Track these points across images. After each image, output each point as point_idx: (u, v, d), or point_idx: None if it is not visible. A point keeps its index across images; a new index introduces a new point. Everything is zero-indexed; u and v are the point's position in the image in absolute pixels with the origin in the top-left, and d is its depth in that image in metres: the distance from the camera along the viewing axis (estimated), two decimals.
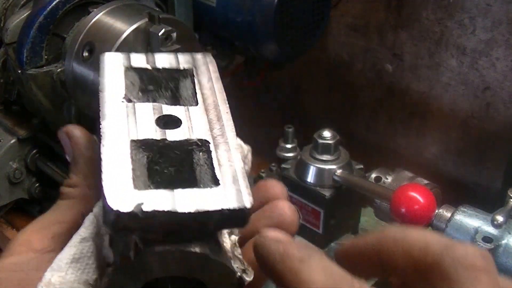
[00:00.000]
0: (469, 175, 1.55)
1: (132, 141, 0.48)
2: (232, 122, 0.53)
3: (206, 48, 1.40)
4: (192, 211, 0.43)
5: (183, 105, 0.54)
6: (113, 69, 0.55)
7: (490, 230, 0.80)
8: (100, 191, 0.44)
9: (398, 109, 1.63)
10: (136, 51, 1.10)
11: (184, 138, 0.50)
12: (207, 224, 0.44)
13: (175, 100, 0.56)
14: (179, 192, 0.44)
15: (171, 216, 0.42)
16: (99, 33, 1.12)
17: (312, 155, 0.97)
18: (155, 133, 0.49)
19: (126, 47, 1.09)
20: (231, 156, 0.49)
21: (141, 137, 0.49)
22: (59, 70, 1.18)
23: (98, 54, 1.10)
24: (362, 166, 1.01)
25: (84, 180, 0.53)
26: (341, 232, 1.01)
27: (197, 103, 0.54)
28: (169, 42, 1.09)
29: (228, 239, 0.52)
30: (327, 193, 0.95)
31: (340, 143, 0.98)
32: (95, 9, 1.16)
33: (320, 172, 0.96)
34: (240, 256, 0.50)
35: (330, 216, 0.97)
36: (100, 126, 0.49)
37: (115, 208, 0.42)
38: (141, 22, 1.10)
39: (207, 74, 0.57)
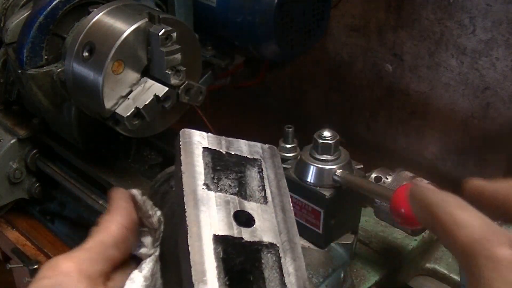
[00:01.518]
0: (469, 175, 1.54)
1: (214, 235, 0.53)
2: (296, 227, 0.58)
3: (206, 48, 1.40)
4: None
5: (254, 201, 0.59)
6: (191, 148, 0.59)
7: None
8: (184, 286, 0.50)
9: (398, 109, 1.63)
10: (137, 51, 1.10)
11: (257, 239, 0.54)
12: None
13: (242, 188, 0.60)
14: None
15: None
16: (99, 33, 1.12)
17: (312, 155, 0.97)
18: (233, 231, 0.54)
19: (126, 47, 1.09)
20: (298, 266, 0.54)
21: (221, 233, 0.53)
22: (59, 70, 1.18)
23: (98, 54, 1.10)
24: (362, 166, 1.01)
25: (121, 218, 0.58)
26: (341, 232, 1.01)
27: (266, 202, 0.59)
28: (169, 42, 1.09)
29: None
30: (327, 193, 0.95)
31: (340, 143, 0.98)
32: (95, 9, 1.16)
33: (320, 172, 0.96)
34: None
35: (330, 216, 0.97)
36: (185, 214, 0.54)
37: None
38: (141, 22, 1.10)
39: (274, 169, 0.62)
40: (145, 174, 1.47)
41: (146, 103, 1.10)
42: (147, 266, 0.58)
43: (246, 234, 0.54)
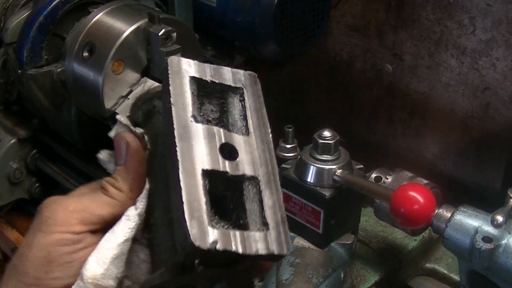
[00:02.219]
0: (469, 175, 1.55)
1: (203, 170, 0.57)
2: (275, 158, 0.62)
3: (206, 48, 1.40)
4: (250, 253, 0.55)
5: (237, 132, 0.62)
6: (179, 77, 0.62)
7: (490, 230, 0.80)
8: (176, 219, 0.55)
9: (398, 109, 1.63)
10: (137, 51, 1.10)
11: (241, 173, 0.59)
12: (255, 258, 0.56)
13: (224, 115, 0.64)
14: (240, 234, 0.55)
15: (234, 254, 0.54)
16: (99, 33, 1.11)
17: (312, 155, 0.97)
18: (220, 164, 0.58)
19: (126, 47, 1.09)
20: (277, 198, 0.59)
21: (209, 167, 0.58)
22: (59, 70, 1.18)
23: (98, 54, 1.10)
24: (362, 166, 1.01)
25: (129, 191, 0.61)
26: (341, 232, 1.01)
27: (248, 133, 0.63)
28: (169, 42, 1.09)
29: None
30: (327, 193, 0.95)
31: (340, 143, 0.98)
32: (95, 9, 1.16)
33: (320, 172, 0.96)
34: None
35: (330, 216, 0.97)
36: (176, 148, 0.57)
37: (196, 244, 0.52)
38: (141, 22, 1.10)
39: (255, 97, 0.65)
40: None
41: None
42: (141, 203, 0.61)
43: (230, 167, 0.59)
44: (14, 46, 1.26)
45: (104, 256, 0.58)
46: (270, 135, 0.63)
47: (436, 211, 0.86)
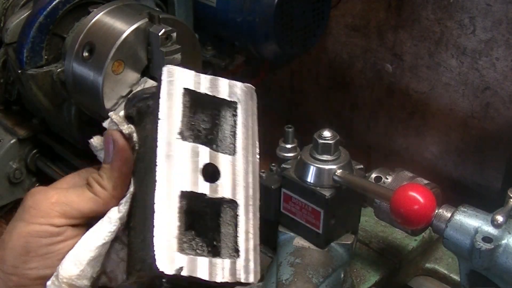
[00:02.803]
0: (469, 175, 1.55)
1: (181, 192, 0.57)
2: (258, 179, 0.62)
3: (206, 48, 1.40)
4: (215, 281, 0.55)
5: (223, 151, 0.61)
6: (172, 89, 0.61)
7: (490, 230, 0.80)
8: (148, 239, 0.54)
9: (398, 109, 1.63)
10: (137, 51, 1.10)
11: (220, 196, 0.58)
12: (221, 285, 0.56)
13: (215, 129, 0.63)
14: (209, 260, 0.55)
15: (200, 280, 0.54)
16: (99, 33, 1.12)
17: (312, 155, 0.97)
18: (199, 186, 0.58)
19: (126, 47, 1.09)
20: (253, 225, 0.58)
21: (188, 189, 0.57)
22: (59, 70, 1.18)
23: (98, 54, 1.10)
24: (362, 166, 1.01)
25: (113, 190, 0.61)
26: (341, 232, 1.01)
27: (234, 152, 0.61)
28: (169, 42, 1.09)
29: None
30: (327, 193, 0.95)
31: (340, 143, 0.98)
32: (95, 9, 1.16)
33: (320, 172, 0.95)
34: None
35: (330, 216, 0.97)
36: (156, 167, 0.57)
37: (161, 270, 0.52)
38: (141, 22, 1.10)
39: (248, 112, 0.64)
40: None
41: None
42: (124, 207, 0.61)
43: (210, 189, 0.58)
44: (14, 46, 1.26)
45: (82, 257, 0.58)
46: (258, 156, 0.62)
47: (436, 211, 0.86)
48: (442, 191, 0.93)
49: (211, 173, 0.60)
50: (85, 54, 1.11)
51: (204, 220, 0.59)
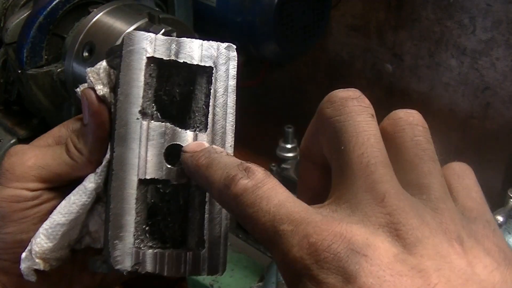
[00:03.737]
0: None
1: (140, 180, 0.52)
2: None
3: None
4: (176, 275, 0.52)
5: (192, 128, 0.54)
6: (133, 60, 0.54)
7: None
8: (105, 231, 0.51)
9: (398, 109, 1.63)
10: None
11: (185, 181, 0.53)
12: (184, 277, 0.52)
13: (188, 104, 0.56)
14: (169, 255, 0.52)
15: (159, 276, 0.51)
16: (99, 33, 1.12)
17: None
18: (162, 172, 0.53)
19: None
20: (223, 212, 0.53)
21: (148, 176, 0.52)
22: (59, 70, 1.18)
23: (98, 54, 1.10)
24: None
25: (89, 154, 0.57)
26: None
27: (205, 128, 0.54)
28: None
29: None
30: None
31: None
32: (95, 9, 1.16)
33: None
34: None
35: None
36: (113, 155, 0.52)
37: (116, 267, 0.50)
38: (141, 22, 1.10)
39: (225, 79, 0.56)
40: None
41: None
42: (100, 176, 0.56)
43: (174, 174, 0.53)
44: (14, 46, 1.26)
45: (54, 231, 0.56)
46: (232, 130, 0.55)
47: None
48: None
49: (176, 154, 0.53)
50: (85, 54, 1.11)
51: (169, 208, 0.54)
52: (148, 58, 0.54)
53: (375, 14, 1.57)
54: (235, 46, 0.58)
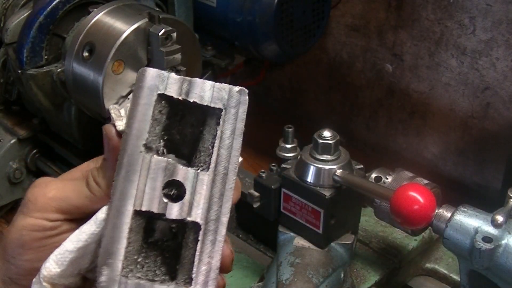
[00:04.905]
0: (469, 175, 1.55)
1: (135, 211, 0.54)
2: (230, 203, 0.56)
3: (206, 48, 1.40)
4: None
5: (194, 165, 0.56)
6: (143, 96, 0.56)
7: (490, 230, 0.80)
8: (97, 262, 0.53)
9: (398, 109, 1.63)
10: (136, 51, 1.10)
11: (180, 217, 0.54)
12: None
13: (195, 144, 0.57)
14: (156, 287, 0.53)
15: None
16: (99, 33, 1.12)
17: (312, 155, 0.97)
18: (158, 206, 0.54)
19: (126, 47, 1.09)
20: (215, 251, 0.54)
21: (144, 208, 0.54)
22: (59, 70, 1.18)
23: (98, 54, 1.10)
24: (362, 166, 1.01)
25: (107, 188, 0.59)
26: (341, 232, 1.01)
27: (208, 168, 0.55)
28: (169, 42, 1.09)
29: None
30: (327, 193, 0.95)
31: (340, 143, 0.98)
32: (95, 9, 1.16)
33: (320, 172, 0.95)
34: None
35: (330, 216, 0.97)
36: (115, 179, 0.54)
37: None
38: (141, 22, 1.10)
39: (233, 122, 0.56)
40: None
41: None
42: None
43: (171, 210, 0.54)
44: (14, 46, 1.26)
45: (63, 257, 0.58)
46: (235, 171, 0.56)
47: (436, 211, 0.86)
48: (442, 191, 0.93)
49: (175, 191, 0.55)
50: (85, 54, 1.12)
51: (162, 242, 0.56)
52: (158, 95, 0.56)
53: (375, 14, 1.57)
54: (247, 91, 0.58)
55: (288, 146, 1.06)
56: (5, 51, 1.32)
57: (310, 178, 0.96)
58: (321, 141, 0.96)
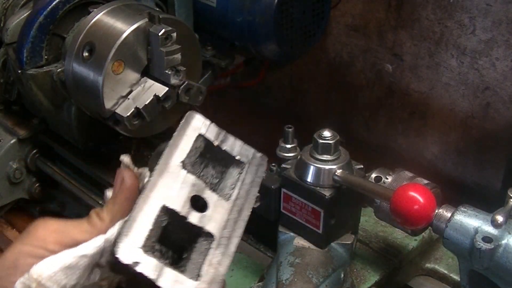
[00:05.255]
0: (469, 175, 1.55)
1: (164, 206, 0.60)
2: (242, 230, 0.64)
3: (206, 48, 1.40)
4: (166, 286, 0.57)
5: (217, 194, 0.65)
6: (187, 130, 0.66)
7: (490, 230, 0.80)
8: (120, 229, 0.58)
9: (398, 109, 1.63)
10: (137, 51, 1.10)
11: (200, 225, 0.61)
12: None
13: (216, 181, 0.67)
14: (168, 270, 0.58)
15: (151, 282, 0.56)
16: (99, 33, 1.11)
17: (312, 155, 0.97)
18: (183, 209, 0.61)
19: (126, 47, 1.09)
20: (223, 261, 0.60)
21: (171, 206, 0.60)
22: (59, 70, 1.18)
23: (98, 54, 1.10)
24: (362, 166, 1.01)
25: (110, 222, 0.63)
26: (341, 232, 1.01)
27: (228, 199, 0.65)
28: (169, 42, 1.09)
29: None
30: (327, 193, 0.95)
31: (340, 143, 0.98)
32: (95, 9, 1.16)
33: (320, 172, 0.95)
34: None
35: (330, 216, 0.97)
36: (152, 174, 0.61)
37: (117, 255, 0.56)
38: (141, 22, 1.10)
39: (254, 176, 0.68)
40: None
41: (146, 103, 1.10)
42: (114, 229, 0.62)
43: (193, 217, 0.61)
44: (14, 46, 1.26)
45: (57, 261, 0.60)
46: (248, 213, 0.65)
47: (436, 211, 0.86)
48: (442, 191, 0.93)
49: (200, 205, 0.62)
50: (85, 54, 1.11)
51: (178, 241, 0.62)
52: (200, 134, 0.66)
53: (375, 14, 1.57)
54: (267, 158, 0.70)
55: (288, 146, 1.06)
56: (5, 51, 1.32)
57: (310, 178, 0.96)
58: (321, 141, 0.96)
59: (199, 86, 1.18)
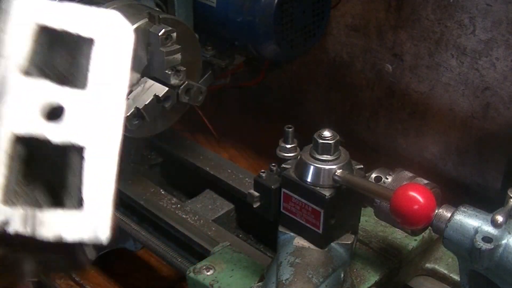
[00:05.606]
0: (469, 175, 1.55)
1: (15, 136, 0.49)
2: (121, 120, 0.52)
3: (206, 48, 1.40)
4: (50, 238, 0.46)
5: (71, 85, 0.52)
6: (21, 25, 0.52)
7: (490, 230, 0.80)
8: None
9: (398, 109, 1.63)
10: (136, 51, 1.10)
11: (63, 140, 0.49)
12: (64, 247, 0.47)
13: (71, 67, 0.54)
14: (44, 213, 0.47)
15: (31, 239, 0.46)
16: None
17: (312, 155, 0.97)
18: (39, 128, 0.49)
19: None
20: (105, 174, 0.49)
21: (23, 131, 0.49)
22: None
23: None
24: (362, 166, 1.00)
25: None
26: (341, 232, 1.01)
27: (85, 86, 0.52)
28: (169, 42, 1.09)
29: None
30: (327, 193, 0.95)
31: (340, 143, 0.98)
32: None
33: (320, 172, 0.95)
34: None
35: (330, 216, 0.97)
36: None
37: None
38: (141, 22, 1.10)
39: (110, 49, 0.57)
40: (145, 174, 1.46)
41: (146, 103, 1.10)
42: None
43: (53, 132, 0.50)
44: None
45: None
46: (123, 93, 0.54)
47: (436, 211, 0.86)
48: (442, 191, 0.93)
49: (55, 112, 0.51)
50: None
51: (45, 166, 0.51)
52: (37, 24, 0.53)
53: (375, 14, 1.57)
54: (130, 26, 0.59)
55: (288, 146, 1.06)
56: None
57: (310, 178, 0.96)
58: (321, 141, 0.96)
59: (199, 86, 1.18)
